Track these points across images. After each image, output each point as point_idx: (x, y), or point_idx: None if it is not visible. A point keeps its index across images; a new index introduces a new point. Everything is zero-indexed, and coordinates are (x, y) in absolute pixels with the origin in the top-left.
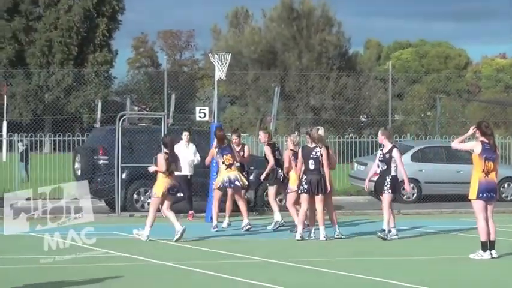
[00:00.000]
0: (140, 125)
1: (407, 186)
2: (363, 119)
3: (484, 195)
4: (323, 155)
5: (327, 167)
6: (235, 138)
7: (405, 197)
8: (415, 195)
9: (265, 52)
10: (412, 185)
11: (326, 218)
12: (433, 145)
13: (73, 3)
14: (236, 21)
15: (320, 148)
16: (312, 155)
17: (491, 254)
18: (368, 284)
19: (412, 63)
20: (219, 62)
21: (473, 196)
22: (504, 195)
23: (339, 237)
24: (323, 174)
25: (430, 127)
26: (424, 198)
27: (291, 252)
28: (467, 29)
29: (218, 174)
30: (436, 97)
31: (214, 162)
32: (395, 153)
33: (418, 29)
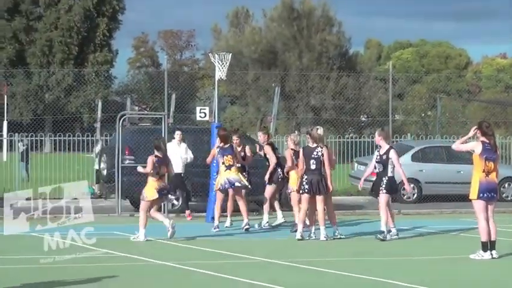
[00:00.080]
0: (170, 123)
1: (407, 186)
2: (363, 119)
3: (485, 195)
4: (324, 155)
5: (329, 167)
6: (236, 139)
7: (405, 197)
8: (416, 195)
9: (266, 52)
10: (412, 185)
11: (326, 218)
12: (433, 145)
13: (73, 3)
14: (236, 21)
15: (321, 148)
16: (313, 155)
17: (492, 254)
18: (368, 284)
19: (412, 63)
20: (220, 61)
21: (474, 196)
22: (504, 195)
23: (339, 237)
24: (324, 174)
25: (430, 127)
26: (425, 198)
27: (291, 252)
28: (468, 28)
29: (218, 174)
30: (436, 97)
31: (214, 162)
32: (392, 155)
33: (419, 29)
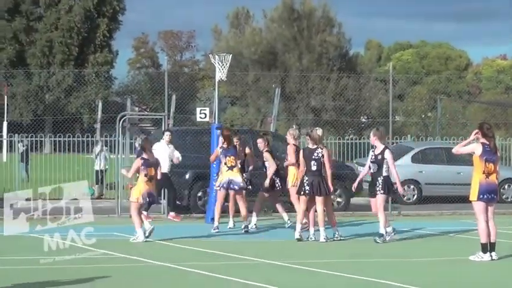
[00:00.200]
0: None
1: (399, 187)
2: (363, 120)
3: (485, 196)
4: (324, 156)
5: (329, 168)
6: (236, 141)
7: (405, 198)
8: (415, 197)
9: (266, 53)
10: (412, 186)
11: (325, 219)
12: (433, 146)
13: (74, 4)
14: (237, 22)
15: (321, 149)
16: (313, 156)
17: (491, 256)
18: (368, 285)
19: (412, 64)
20: (220, 62)
21: (474, 197)
22: (504, 197)
23: (338, 239)
24: (324, 175)
25: (430, 128)
26: (424, 200)
27: (288, 253)
28: (468, 30)
29: (220, 174)
30: (436, 98)
31: (214, 163)
32: (387, 155)
33: (419, 30)
